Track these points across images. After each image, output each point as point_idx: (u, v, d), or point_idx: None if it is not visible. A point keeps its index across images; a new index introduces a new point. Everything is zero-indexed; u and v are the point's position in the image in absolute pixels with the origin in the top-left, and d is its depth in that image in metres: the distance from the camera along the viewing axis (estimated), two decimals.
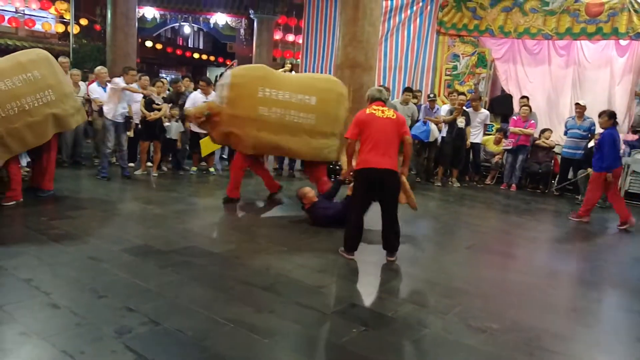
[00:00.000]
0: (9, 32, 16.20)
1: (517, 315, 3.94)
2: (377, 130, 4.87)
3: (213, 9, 18.58)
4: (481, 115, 10.09)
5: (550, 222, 7.95)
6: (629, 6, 10.29)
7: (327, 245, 5.40)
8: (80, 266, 4.27)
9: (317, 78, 7.63)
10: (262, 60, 17.10)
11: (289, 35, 18.11)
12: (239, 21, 18.91)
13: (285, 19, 17.65)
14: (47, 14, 16.78)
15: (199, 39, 27.98)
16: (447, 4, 12.25)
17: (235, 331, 3.30)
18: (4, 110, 5.76)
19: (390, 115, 4.97)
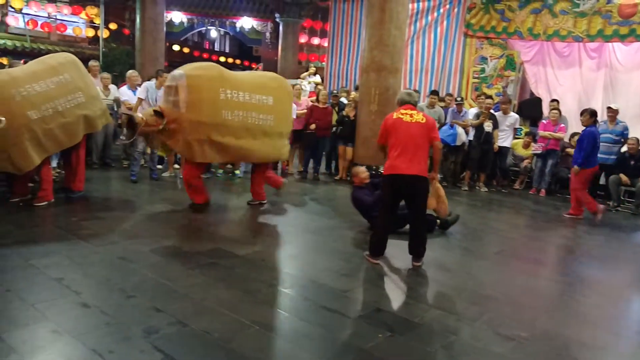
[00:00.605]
0: (41, 36, 16.57)
1: (547, 324, 3.86)
2: (405, 135, 4.78)
3: (239, 13, 18.74)
4: (510, 119, 9.93)
5: (580, 229, 7.78)
6: None
7: (353, 249, 5.39)
8: (109, 266, 4.33)
9: (266, 77, 7.09)
10: (288, 63, 17.17)
11: (314, 39, 18.15)
12: (265, 25, 19.04)
13: (311, 22, 17.70)
14: (78, 19, 17.12)
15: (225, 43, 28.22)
16: (474, 6, 12.13)
17: (260, 334, 3.31)
18: (40, 111, 5.87)
19: (419, 119, 4.87)
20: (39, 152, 5.97)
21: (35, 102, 5.82)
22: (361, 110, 9.43)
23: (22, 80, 5.78)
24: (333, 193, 8.66)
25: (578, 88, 11.39)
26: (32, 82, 5.86)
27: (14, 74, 5.87)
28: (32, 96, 5.80)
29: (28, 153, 5.82)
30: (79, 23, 17.20)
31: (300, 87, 10.65)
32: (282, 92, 6.90)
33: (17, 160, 5.77)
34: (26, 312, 3.34)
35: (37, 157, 5.94)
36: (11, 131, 5.58)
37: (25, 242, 4.80)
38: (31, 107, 5.78)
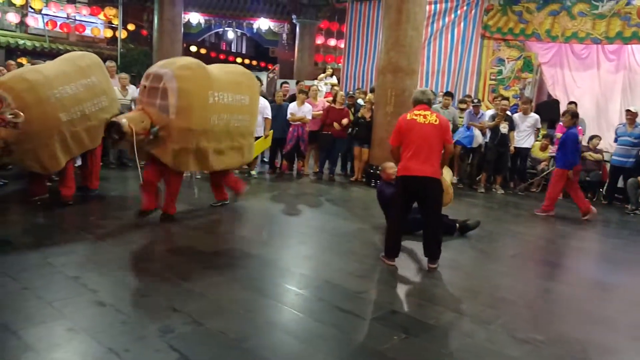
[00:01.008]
0: (60, 37, 16.79)
1: (562, 327, 3.82)
2: (418, 137, 4.77)
3: (256, 14, 18.83)
4: (530, 119, 9.80)
5: (597, 232, 7.68)
6: None
7: (368, 251, 5.38)
8: (126, 265, 4.37)
9: (239, 73, 6.61)
10: (304, 64, 17.19)
11: (331, 40, 18.16)
12: (282, 26, 19.10)
13: (328, 23, 17.71)
14: (97, 20, 17.32)
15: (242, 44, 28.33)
16: (492, 7, 12.05)
17: (275, 334, 3.32)
18: (69, 114, 5.94)
19: (433, 120, 4.84)
20: (65, 153, 6.04)
21: (66, 104, 5.89)
22: (377, 112, 9.40)
23: (56, 82, 5.83)
24: (348, 194, 8.65)
25: (596, 90, 11.25)
26: (65, 84, 5.92)
27: (46, 73, 5.86)
28: (64, 98, 5.86)
29: (56, 154, 5.89)
30: (98, 24, 17.40)
31: (317, 88, 10.65)
32: (255, 90, 6.79)
33: (46, 161, 5.84)
34: (43, 309, 3.38)
35: (63, 158, 6.02)
36: (44, 132, 5.66)
37: (42, 241, 4.87)
38: (62, 109, 5.85)
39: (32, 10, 15.43)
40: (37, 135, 5.59)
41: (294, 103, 9.65)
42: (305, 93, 9.87)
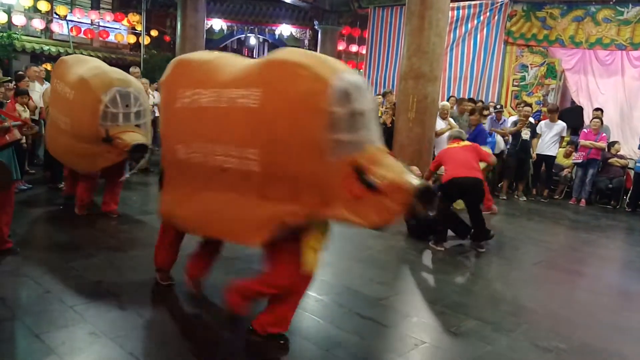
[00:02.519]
0: (84, 43, 17.03)
1: (586, 336, 3.76)
2: (458, 155, 5.96)
3: (279, 20, 18.91)
4: (557, 127, 9.66)
5: (621, 240, 7.55)
6: None
7: (389, 257, 5.36)
8: (147, 269, 4.39)
9: None
10: None
11: (353, 46, 18.14)
12: (304, 32, 19.15)
13: (349, 29, 17.70)
14: (120, 26, 17.54)
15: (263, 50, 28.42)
16: (515, 13, 11.94)
17: (295, 340, 3.31)
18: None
19: (465, 144, 6.19)
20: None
21: None
22: (398, 118, 9.36)
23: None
24: None
25: (620, 97, 11.06)
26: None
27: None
28: None
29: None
30: (121, 30, 17.62)
31: None
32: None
33: (100, 164, 5.75)
34: (65, 313, 3.42)
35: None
36: None
37: (65, 245, 4.94)
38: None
39: (57, 16, 15.70)
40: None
41: None
42: None
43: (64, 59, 6.20)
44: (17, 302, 3.59)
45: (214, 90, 3.15)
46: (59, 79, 5.88)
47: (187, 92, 3.30)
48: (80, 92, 5.48)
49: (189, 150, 3.30)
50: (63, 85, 5.73)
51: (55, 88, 5.92)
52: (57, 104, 5.88)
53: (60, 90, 5.78)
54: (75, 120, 5.56)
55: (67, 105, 5.64)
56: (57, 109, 5.91)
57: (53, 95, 6.02)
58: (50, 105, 6.21)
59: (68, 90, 5.61)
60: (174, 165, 3.54)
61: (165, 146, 3.59)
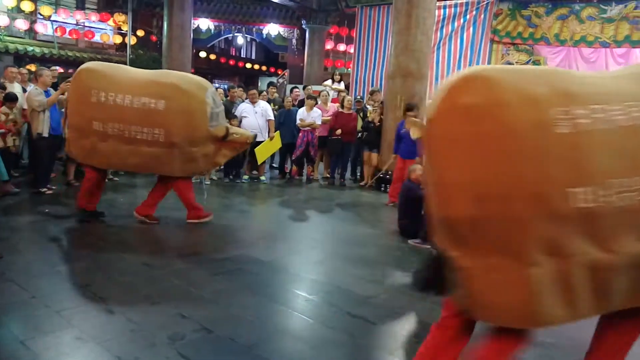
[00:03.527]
0: (69, 43, 16.86)
1: (574, 330, 3.74)
2: None
3: (266, 19, 18.87)
4: None
5: None
6: None
7: (379, 256, 5.35)
8: (135, 272, 4.36)
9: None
10: (314, 69, 17.20)
11: (340, 45, 18.15)
12: (291, 31, 19.12)
13: (337, 28, 17.70)
14: (106, 26, 17.40)
15: (251, 49, 28.42)
16: (501, 12, 11.99)
17: (285, 339, 3.30)
18: None
19: None
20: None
21: None
22: (387, 116, 9.38)
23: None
24: (358, 199, 8.62)
25: None
26: None
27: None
28: None
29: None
30: (107, 30, 17.47)
31: (327, 94, 10.63)
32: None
33: (219, 162, 6.25)
34: (51, 318, 3.37)
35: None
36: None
37: (51, 249, 4.89)
38: None
39: (41, 16, 15.53)
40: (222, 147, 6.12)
41: (303, 109, 9.65)
42: (314, 98, 9.86)
43: (93, 69, 5.71)
44: (2, 308, 3.53)
45: None
46: (105, 90, 5.48)
47: None
48: (179, 99, 5.48)
49: None
50: (131, 97, 5.46)
51: (107, 101, 5.47)
52: (123, 116, 5.48)
53: (123, 103, 5.46)
54: (182, 128, 5.49)
55: (152, 116, 5.46)
56: (122, 122, 5.49)
57: (103, 108, 5.48)
58: (99, 120, 5.53)
59: (147, 101, 5.44)
60: None
61: None
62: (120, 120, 5.46)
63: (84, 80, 5.58)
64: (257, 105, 9.09)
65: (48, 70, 7.58)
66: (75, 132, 5.66)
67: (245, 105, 9.16)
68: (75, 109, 5.65)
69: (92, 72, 5.63)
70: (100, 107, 5.46)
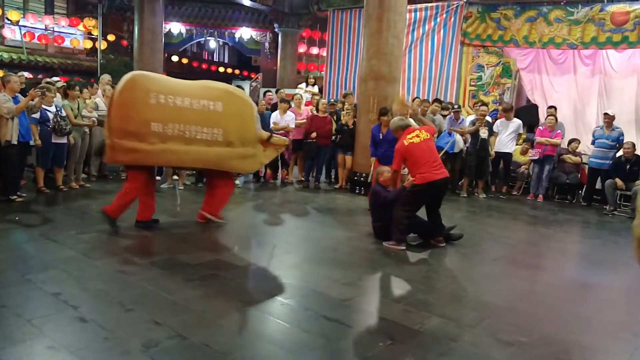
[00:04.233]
0: (39, 49, 16.57)
1: (546, 329, 3.86)
2: (424, 152, 5.73)
3: (238, 23, 18.82)
4: (513, 125, 9.98)
5: (578, 233, 7.81)
6: None
7: (354, 258, 5.39)
8: (108, 279, 4.32)
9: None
10: (287, 73, 17.23)
11: (313, 48, 18.21)
12: (264, 35, 19.10)
13: (310, 32, 17.76)
14: (76, 31, 17.15)
15: (224, 53, 28.30)
16: (471, 15, 12.18)
17: (261, 345, 3.30)
18: None
19: (424, 136, 5.81)
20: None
21: None
22: (360, 119, 9.46)
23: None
24: (333, 202, 8.66)
25: (573, 94, 11.44)
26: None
27: None
28: None
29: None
30: (77, 35, 17.22)
31: (300, 97, 10.66)
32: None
33: (264, 161, 6.79)
34: (22, 328, 3.32)
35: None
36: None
37: (21, 257, 4.80)
38: None
39: (9, 21, 15.25)
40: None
41: (276, 112, 9.66)
42: (287, 102, 9.89)
43: (147, 74, 6.07)
44: None
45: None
46: (164, 92, 5.72)
47: None
48: (233, 102, 6.00)
49: None
50: (190, 99, 5.79)
51: (166, 103, 5.69)
52: (183, 117, 5.74)
53: (183, 104, 5.77)
54: (236, 128, 5.97)
55: (211, 117, 5.84)
56: (182, 122, 5.74)
57: (164, 110, 5.69)
58: (159, 121, 5.69)
59: (207, 103, 5.83)
60: None
61: None
62: (181, 121, 5.73)
63: (141, 84, 5.70)
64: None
65: (16, 76, 7.45)
66: (127, 137, 5.61)
67: None
68: (127, 114, 5.62)
69: (148, 77, 5.91)
70: (160, 109, 5.66)
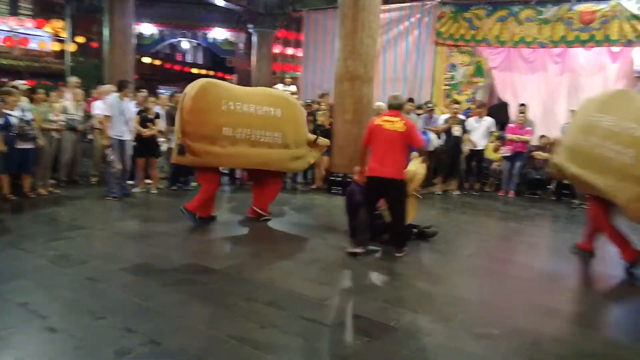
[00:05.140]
0: (3, 51, 16.16)
1: (518, 321, 3.94)
2: (382, 142, 5.34)
3: (211, 24, 18.63)
4: (485, 123, 10.11)
5: (548, 227, 7.98)
6: (620, 14, 10.37)
7: (331, 258, 5.37)
8: (78, 287, 4.22)
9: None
10: (262, 73, 17.09)
11: (288, 49, 18.13)
12: (238, 36, 18.94)
13: (285, 32, 17.68)
14: (43, 33, 16.78)
15: (197, 54, 28.07)
16: (444, 15, 12.28)
17: (238, 348, 3.26)
18: None
19: (399, 127, 5.32)
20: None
21: None
22: (336, 120, 9.45)
23: None
24: (310, 202, 8.64)
25: (543, 92, 11.62)
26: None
27: None
28: None
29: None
30: (44, 37, 16.86)
31: None
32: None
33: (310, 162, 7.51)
34: None
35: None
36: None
37: None
38: None
39: None
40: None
41: None
42: None
43: (217, 82, 6.61)
44: None
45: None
46: (233, 100, 6.35)
47: None
48: (289, 108, 6.79)
49: None
50: (254, 106, 6.47)
51: (235, 109, 6.33)
52: (250, 122, 6.44)
53: (249, 110, 6.42)
54: (292, 132, 6.74)
55: (273, 122, 6.58)
56: (249, 127, 6.44)
57: (234, 115, 6.32)
58: (230, 126, 6.33)
59: (268, 109, 6.56)
60: None
61: None
62: (248, 126, 6.43)
63: (212, 91, 6.31)
64: None
65: None
66: (199, 140, 6.21)
67: None
68: (201, 119, 6.20)
69: (217, 85, 6.51)
70: (230, 115, 6.32)
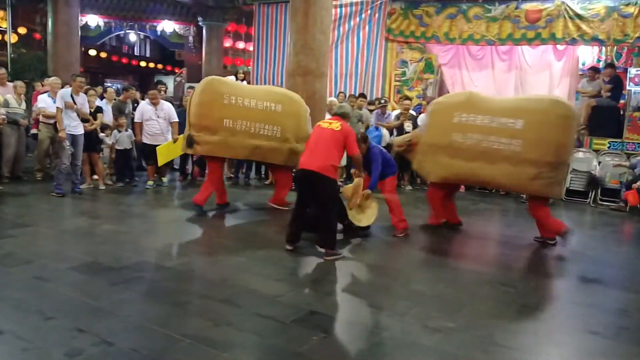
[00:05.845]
0: None
1: (471, 313, 4.02)
2: (316, 137, 5.42)
3: (160, 16, 18.21)
4: None
5: (497, 221, 8.20)
6: (565, 13, 10.79)
7: (285, 254, 5.36)
8: (25, 287, 4.06)
9: (526, 99, 6.72)
10: (212, 68, 16.84)
11: (239, 43, 17.95)
12: (187, 28, 18.59)
13: (235, 26, 17.48)
14: None
15: (145, 47, 27.38)
16: (394, 11, 12.44)
17: (192, 347, 3.22)
18: None
19: (335, 127, 5.38)
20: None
21: None
22: None
23: None
24: (264, 198, 8.58)
25: (491, 89, 11.95)
26: None
27: None
28: None
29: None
30: None
31: None
32: (545, 116, 6.07)
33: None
34: None
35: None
36: None
37: None
38: None
39: None
40: None
41: None
42: None
43: (221, 79, 7.30)
44: None
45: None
46: (234, 94, 6.85)
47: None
48: (291, 105, 7.25)
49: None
50: (255, 101, 6.95)
51: (236, 103, 6.82)
52: (249, 115, 6.89)
53: (250, 105, 6.91)
54: (292, 127, 7.15)
55: (272, 116, 7.01)
56: (248, 119, 6.88)
57: (234, 109, 6.81)
58: (230, 118, 6.81)
59: (269, 104, 7.00)
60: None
61: None
62: (248, 119, 6.86)
63: (216, 87, 6.85)
64: (159, 107, 8.68)
65: None
66: (203, 131, 6.77)
67: (147, 107, 8.69)
68: (205, 112, 6.77)
69: (222, 81, 7.10)
70: (231, 108, 6.79)
